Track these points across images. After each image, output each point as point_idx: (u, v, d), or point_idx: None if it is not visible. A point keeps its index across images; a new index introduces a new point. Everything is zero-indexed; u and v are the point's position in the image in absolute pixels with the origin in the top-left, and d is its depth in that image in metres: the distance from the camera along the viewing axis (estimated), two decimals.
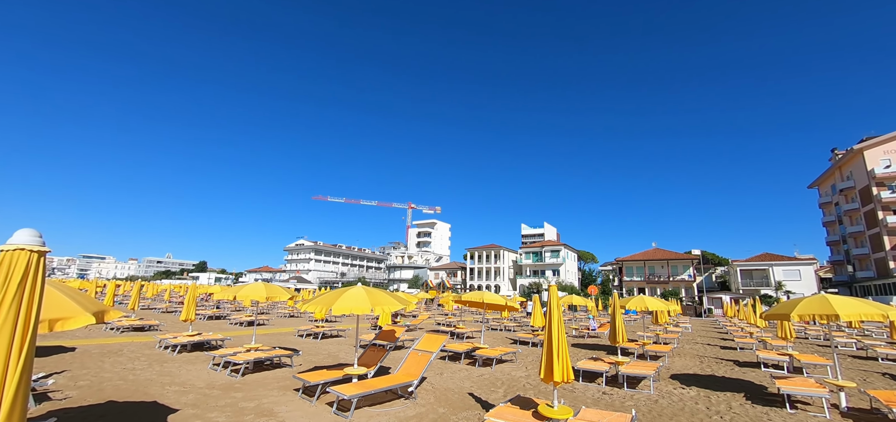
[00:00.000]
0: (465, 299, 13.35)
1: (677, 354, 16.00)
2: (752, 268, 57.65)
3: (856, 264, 58.64)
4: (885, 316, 8.04)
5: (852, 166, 58.73)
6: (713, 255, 70.64)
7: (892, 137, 53.97)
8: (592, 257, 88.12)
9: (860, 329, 24.15)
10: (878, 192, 52.78)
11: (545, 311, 16.11)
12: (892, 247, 50.68)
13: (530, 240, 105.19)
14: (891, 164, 53.10)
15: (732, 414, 7.96)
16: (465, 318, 29.76)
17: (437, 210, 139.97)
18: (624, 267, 67.76)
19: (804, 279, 54.06)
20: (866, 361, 15.34)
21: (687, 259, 63.67)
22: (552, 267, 75.55)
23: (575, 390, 9.55)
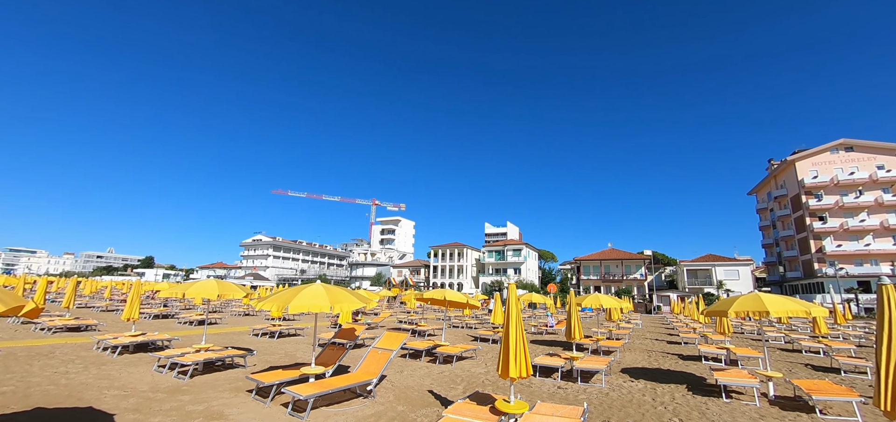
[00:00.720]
0: (426, 297, 13.37)
1: (628, 349, 16.84)
2: (697, 268, 61.62)
3: (786, 265, 64.17)
4: (808, 312, 8.89)
5: (785, 176, 64.16)
6: (663, 255, 74.87)
7: (820, 150, 59.44)
8: (552, 256, 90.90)
9: (788, 324, 26.45)
10: (806, 200, 57.97)
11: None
12: (817, 250, 55.87)
13: (493, 239, 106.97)
14: (818, 174, 58.45)
15: (675, 405, 8.48)
16: (428, 316, 29.80)
17: (401, 207, 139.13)
18: (581, 266, 70.35)
19: (742, 279, 58.44)
20: (792, 353, 16.83)
21: (639, 259, 67.04)
22: (514, 266, 77.17)
23: (532, 385, 9.82)
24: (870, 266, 52.87)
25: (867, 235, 54.45)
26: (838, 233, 55.47)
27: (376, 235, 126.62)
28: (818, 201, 57.30)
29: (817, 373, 12.60)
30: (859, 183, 56.11)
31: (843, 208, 56.00)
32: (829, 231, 55.83)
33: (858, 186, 56.21)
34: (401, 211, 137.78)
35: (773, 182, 68.75)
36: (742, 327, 27.71)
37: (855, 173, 56.60)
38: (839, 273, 52.12)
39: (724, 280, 58.30)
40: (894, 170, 55.12)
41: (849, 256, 54.18)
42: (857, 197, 55.81)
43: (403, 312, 33.37)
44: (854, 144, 57.99)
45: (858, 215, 55.34)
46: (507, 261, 77.89)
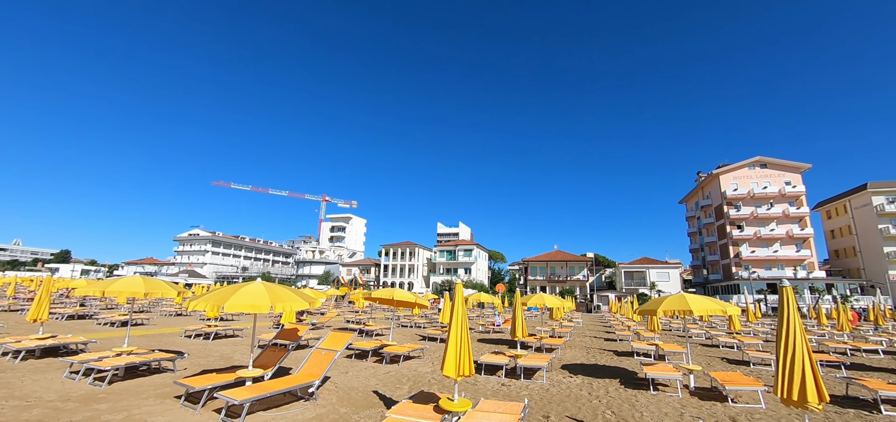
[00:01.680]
0: (374, 297, 13.19)
1: (569, 346, 17.66)
2: (634, 270, 65.94)
3: (709, 269, 70.50)
4: (724, 311, 9.85)
5: (711, 187, 70.44)
6: (604, 258, 79.34)
7: (740, 165, 65.92)
8: (502, 257, 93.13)
9: (709, 322, 29.07)
10: (727, 210, 64.04)
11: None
12: (735, 255, 61.91)
13: (445, 239, 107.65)
14: (737, 187, 64.77)
15: (609, 398, 9.02)
16: (376, 315, 29.40)
17: (353, 204, 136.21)
18: (529, 267, 72.74)
19: (672, 280, 63.37)
20: (711, 348, 18.49)
21: (583, 261, 70.53)
22: (465, 266, 78.17)
23: (477, 382, 10.01)
24: (777, 270, 59.46)
25: (776, 242, 61.17)
26: (752, 240, 61.84)
27: (326, 232, 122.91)
28: (737, 211, 63.54)
29: (731, 365, 13.94)
30: (770, 196, 62.90)
31: (757, 218, 62.52)
32: (745, 238, 62.07)
33: (770, 198, 62.99)
34: (352, 208, 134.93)
35: (700, 193, 75.24)
36: (670, 325, 30.05)
37: (767, 187, 63.38)
38: (752, 276, 58.10)
39: (656, 282, 62.87)
40: (798, 185, 62.42)
41: (760, 261, 60.57)
42: (769, 209, 62.53)
43: (351, 311, 32.63)
44: (767, 162, 64.91)
45: (769, 225, 62.02)
46: (458, 261, 78.75)
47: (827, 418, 7.85)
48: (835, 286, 55.15)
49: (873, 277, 56.17)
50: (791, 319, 5.42)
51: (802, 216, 61.13)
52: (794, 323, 5.35)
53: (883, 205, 56.59)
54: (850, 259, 61.58)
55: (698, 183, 76.01)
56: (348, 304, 45.43)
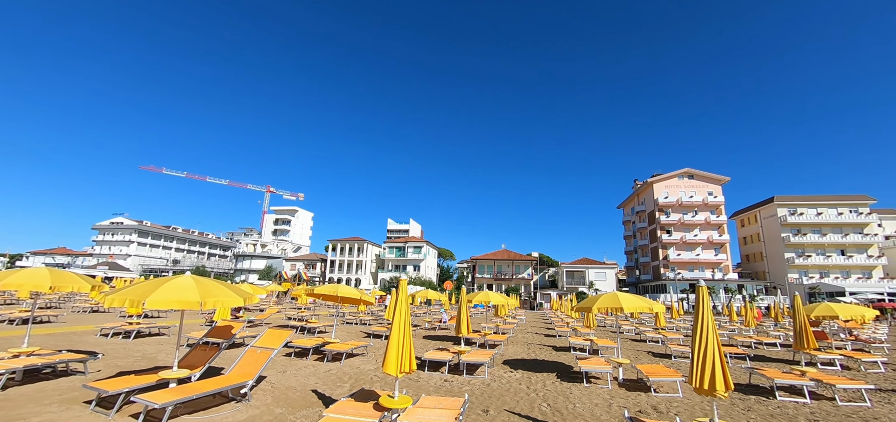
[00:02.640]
0: (318, 293, 12.76)
1: (511, 342, 18.23)
2: (574, 270, 69.44)
3: (641, 269, 75.95)
4: (650, 308, 10.65)
5: (645, 195, 75.87)
6: (548, 257, 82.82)
7: (670, 175, 71.62)
8: (451, 255, 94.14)
9: (638, 319, 31.30)
10: (659, 216, 69.35)
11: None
12: (664, 257, 67.21)
13: (395, 235, 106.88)
14: (668, 195, 70.33)
15: (545, 391, 9.42)
16: (320, 312, 28.54)
17: (299, 197, 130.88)
18: (477, 265, 74.13)
19: (608, 280, 67.51)
20: (640, 342, 19.95)
21: (528, 260, 73.07)
22: (414, 263, 78.04)
23: (420, 379, 10.03)
24: (698, 272, 65.38)
25: (698, 247, 67.23)
26: (679, 244, 67.50)
27: (269, 225, 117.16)
28: (667, 217, 69.05)
29: (656, 358, 15.09)
30: (695, 205, 69.00)
31: (684, 224, 68.32)
32: (672, 243, 67.60)
33: (695, 207, 69.08)
34: (299, 201, 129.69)
35: (636, 199, 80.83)
36: (605, 321, 32.02)
37: (693, 196, 69.46)
38: (677, 277, 63.44)
39: (594, 281, 66.67)
40: (719, 196, 69.06)
41: (685, 263, 66.28)
42: (694, 216, 68.55)
43: (294, 308, 31.41)
44: (694, 173, 71.12)
45: (693, 231, 68.03)
46: (408, 258, 78.45)
47: (732, 405, 8.75)
48: (744, 287, 61.64)
49: (776, 279, 63.57)
50: (705, 316, 5.95)
51: (721, 224, 67.71)
52: (707, 320, 5.89)
53: (786, 216, 64.16)
54: (758, 263, 69.21)
55: (635, 190, 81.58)
56: (291, 300, 43.69)
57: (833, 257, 61.52)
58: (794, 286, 59.34)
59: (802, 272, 61.40)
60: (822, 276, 60.48)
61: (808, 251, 62.54)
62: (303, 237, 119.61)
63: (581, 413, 7.77)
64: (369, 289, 64.44)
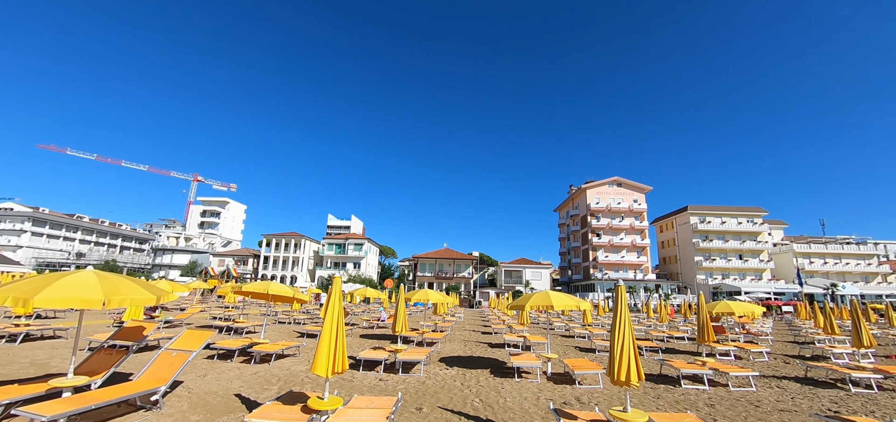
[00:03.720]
0: (246, 290, 11.99)
1: (449, 340, 18.48)
2: (512, 269, 72.01)
3: (573, 270, 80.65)
4: (578, 306, 11.31)
5: (579, 199, 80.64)
6: (488, 257, 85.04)
7: (602, 182, 76.81)
8: (393, 253, 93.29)
9: (569, 316, 33.24)
10: (590, 220, 74.07)
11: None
12: (593, 259, 71.93)
13: (336, 231, 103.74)
14: (599, 201, 75.34)
15: (479, 387, 9.67)
16: (250, 311, 26.91)
17: (231, 188, 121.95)
18: (419, 263, 74.18)
19: (543, 279, 70.84)
20: (569, 338, 21.17)
21: (469, 259, 74.48)
22: (355, 260, 76.25)
23: (354, 379, 9.83)
24: (623, 272, 70.82)
25: (624, 249, 72.83)
26: (607, 247, 72.63)
27: (195, 217, 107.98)
28: (597, 221, 74.02)
29: (582, 353, 16.10)
30: (622, 211, 74.66)
31: (612, 228, 73.63)
32: (602, 245, 72.57)
33: (621, 213, 74.74)
34: (230, 192, 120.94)
35: (571, 203, 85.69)
36: (538, 319, 33.58)
37: (621, 203, 75.12)
38: (604, 277, 68.23)
39: (530, 280, 69.63)
40: (642, 203, 75.35)
41: (612, 265, 71.47)
42: (621, 221, 74.14)
43: (220, 307, 29.27)
44: (622, 181, 76.90)
45: (620, 235, 73.56)
46: (348, 255, 76.47)
47: (645, 393, 9.59)
48: (661, 286, 67.83)
49: (687, 279, 70.69)
50: (622, 314, 6.46)
51: (643, 229, 73.91)
52: (624, 317, 6.40)
53: (696, 223, 71.55)
54: (673, 265, 76.51)
55: (570, 195, 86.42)
56: (217, 299, 40.75)
57: (732, 261, 69.72)
58: (701, 286, 66.39)
59: (708, 274, 68.87)
60: (724, 277, 68.30)
61: (713, 255, 70.30)
62: (234, 231, 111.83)
63: (511, 407, 8.07)
64: (305, 287, 61.89)
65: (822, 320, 18.45)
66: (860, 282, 66.86)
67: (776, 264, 70.17)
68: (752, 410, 8.49)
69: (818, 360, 14.81)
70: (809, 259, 69.08)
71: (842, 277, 67.47)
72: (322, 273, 73.94)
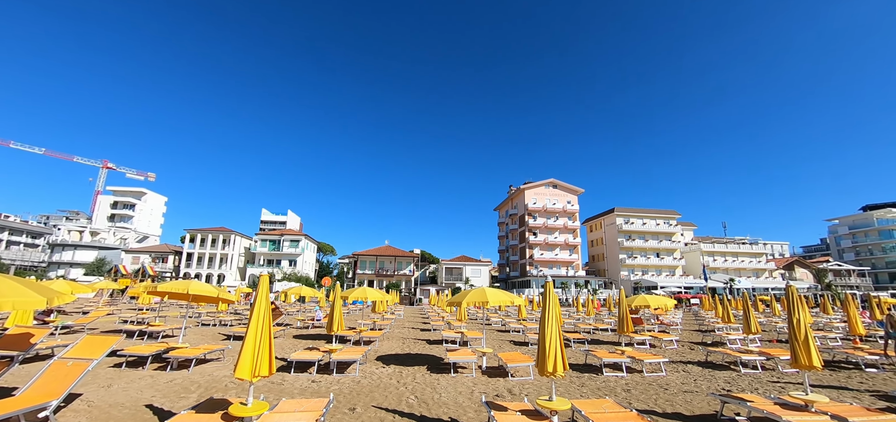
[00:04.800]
0: (163, 290, 10.94)
1: (387, 338, 18.31)
2: (453, 266, 73.07)
3: (510, 267, 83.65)
4: (512, 302, 11.75)
5: (518, 199, 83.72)
6: (430, 254, 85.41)
7: (539, 184, 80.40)
8: (332, 250, 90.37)
9: (505, 311, 34.44)
10: (528, 219, 77.23)
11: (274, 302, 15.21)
12: (530, 257, 75.13)
13: (270, 227, 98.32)
14: (536, 202, 78.79)
15: (415, 384, 9.68)
16: (169, 313, 24.62)
17: (149, 177, 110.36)
18: (359, 261, 72.64)
19: (483, 276, 72.69)
20: (505, 333, 21.94)
21: (410, 257, 74.33)
22: (290, 257, 72.81)
23: (284, 382, 9.39)
24: (556, 269, 74.82)
25: (557, 247, 76.91)
26: (542, 245, 76.26)
27: (105, 208, 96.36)
28: (534, 221, 77.43)
29: (516, 347, 16.74)
30: (557, 211, 78.79)
31: (547, 228, 77.43)
32: (538, 244, 76.05)
33: (556, 213, 78.86)
34: (148, 182, 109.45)
35: (510, 203, 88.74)
36: (477, 315, 34.40)
37: (556, 204, 79.22)
38: (539, 274, 71.61)
39: (470, 277, 71.12)
40: (575, 205, 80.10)
41: (547, 262, 75.18)
42: (555, 221, 78.19)
43: (132, 308, 26.47)
44: (557, 184, 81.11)
45: (554, 234, 77.57)
46: (283, 252, 72.79)
47: (571, 382, 10.21)
48: (589, 282, 72.65)
49: (612, 275, 76.41)
50: (550, 309, 6.81)
51: (575, 229, 78.61)
52: (551, 313, 6.75)
53: (622, 224, 77.57)
54: (601, 262, 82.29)
55: (509, 195, 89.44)
56: (130, 300, 36.83)
57: (651, 258, 76.59)
58: (624, 282, 72.11)
59: (630, 270, 75.00)
60: (644, 273, 74.78)
61: (635, 253, 76.69)
62: (151, 225, 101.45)
63: (446, 402, 8.19)
64: (234, 286, 57.91)
65: (721, 310, 20.88)
66: (752, 277, 76.67)
67: (686, 262, 78.19)
68: (661, 392, 9.38)
69: (717, 345, 16.74)
70: (713, 257, 77.86)
71: (738, 272, 76.89)
72: (254, 271, 69.68)
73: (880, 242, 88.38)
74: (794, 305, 7.36)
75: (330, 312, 11.63)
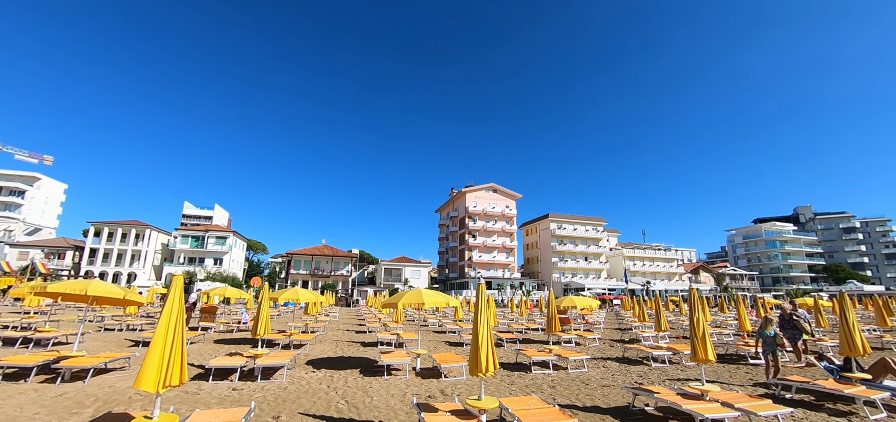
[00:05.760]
0: (54, 291, 9.56)
1: (320, 340, 17.64)
2: (393, 267, 72.38)
3: (450, 268, 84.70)
4: (448, 303, 11.90)
5: (459, 202, 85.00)
6: (369, 255, 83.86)
7: (480, 187, 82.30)
8: (263, 248, 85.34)
9: (443, 312, 34.83)
10: (468, 222, 78.70)
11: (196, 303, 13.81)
12: (469, 258, 76.63)
13: (194, 222, 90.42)
14: (476, 205, 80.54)
15: (346, 388, 9.43)
16: (64, 316, 21.69)
17: (45, 160, 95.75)
18: (293, 260, 69.32)
19: (422, 277, 72.80)
20: (442, 333, 22.13)
21: (348, 257, 72.40)
22: (216, 255, 67.57)
23: (201, 391, 8.67)
24: (494, 271, 77.06)
25: (495, 250, 79.26)
26: (481, 248, 78.16)
27: None
28: (474, 224, 79.10)
29: (451, 348, 16.93)
30: (496, 215, 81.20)
31: (486, 231, 79.50)
32: (477, 246, 77.80)
33: (495, 216, 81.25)
34: (43, 165, 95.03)
35: (451, 205, 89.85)
36: (415, 316, 34.38)
37: (495, 207, 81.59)
38: (478, 276, 73.28)
39: (409, 278, 70.89)
40: (513, 209, 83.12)
41: (485, 264, 77.15)
42: (494, 224, 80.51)
43: (15, 311, 22.92)
44: (497, 188, 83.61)
45: (493, 236, 79.86)
46: (208, 250, 67.32)
47: (501, 381, 10.55)
48: (524, 284, 75.74)
49: (545, 278, 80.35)
50: (481, 310, 6.98)
51: (513, 232, 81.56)
52: (482, 314, 6.92)
53: (555, 229, 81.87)
54: (535, 265, 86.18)
55: (451, 197, 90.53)
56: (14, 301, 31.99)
57: (580, 262, 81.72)
58: (556, 284, 76.17)
59: (561, 273, 79.41)
60: (573, 276, 79.56)
61: (565, 257, 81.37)
62: (46, 216, 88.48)
63: (377, 405, 8.07)
64: (146, 287, 52.43)
65: (637, 310, 22.82)
66: (666, 280, 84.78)
67: (611, 265, 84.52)
68: (582, 387, 10.02)
69: (633, 343, 18.26)
70: (633, 262, 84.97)
71: (654, 276, 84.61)
72: (173, 270, 63.61)
73: (766, 250, 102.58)
74: (695, 306, 8.24)
75: (256, 315, 10.95)
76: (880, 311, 19.01)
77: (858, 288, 65.72)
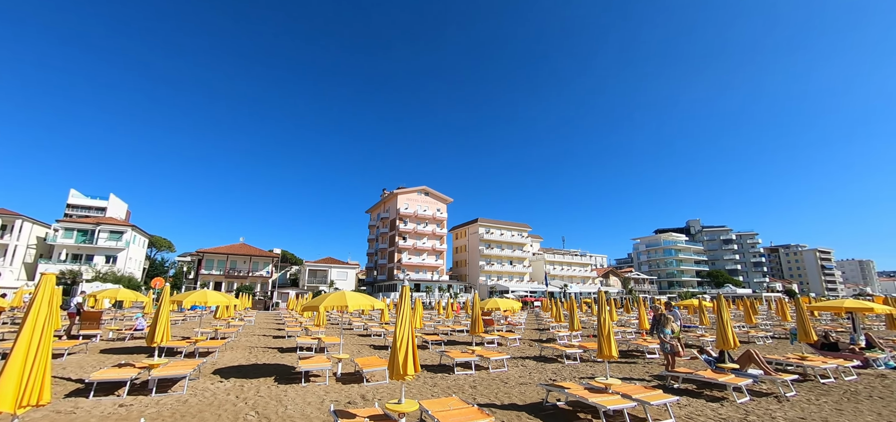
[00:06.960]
0: None
1: (231, 347, 16.27)
2: (318, 268, 69.35)
3: (378, 270, 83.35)
4: (372, 306, 11.64)
5: (390, 203, 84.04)
6: (292, 255, 79.41)
7: (412, 190, 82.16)
8: (169, 245, 76.57)
9: (369, 315, 34.12)
10: (399, 224, 78.10)
11: (77, 307, 11.58)
12: (398, 260, 76.06)
13: (82, 214, 78.46)
14: (408, 207, 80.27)
15: (257, 398, 8.77)
16: None
17: None
18: (204, 259, 63.30)
19: (349, 279, 70.70)
20: (367, 337, 21.62)
21: (269, 257, 67.90)
22: (109, 252, 59.23)
23: (78, 409, 7.52)
24: (423, 274, 77.34)
25: (425, 253, 79.62)
26: (411, 250, 78.03)
27: None
28: (405, 226, 78.74)
29: (376, 351, 16.61)
30: (427, 218, 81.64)
31: (417, 233, 79.55)
32: (406, 248, 77.50)
33: (426, 219, 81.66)
34: None
35: (382, 206, 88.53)
36: (339, 319, 33.22)
37: (426, 210, 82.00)
38: (407, 277, 73.03)
39: (335, 280, 68.45)
40: (444, 213, 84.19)
41: (414, 267, 77.11)
42: (425, 227, 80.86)
43: None
44: (429, 191, 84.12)
45: (423, 239, 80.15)
46: (98, 246, 58.75)
47: (424, 382, 10.57)
48: (452, 286, 77.07)
49: (472, 281, 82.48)
50: (404, 312, 6.93)
51: (442, 235, 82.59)
52: (405, 316, 6.87)
53: (483, 234, 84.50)
54: (463, 268, 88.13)
55: (382, 198, 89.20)
56: None
57: (506, 266, 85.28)
58: (482, 286, 78.60)
59: (488, 276, 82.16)
60: (499, 279, 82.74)
61: (492, 260, 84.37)
62: None
63: (292, 415, 7.62)
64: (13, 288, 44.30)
65: (555, 311, 24.36)
66: (581, 283, 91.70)
67: (533, 269, 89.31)
68: (502, 385, 10.41)
69: (549, 342, 19.43)
70: (554, 266, 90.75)
71: (571, 279, 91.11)
72: (50, 268, 54.45)
73: (664, 257, 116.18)
74: (602, 307, 8.99)
75: (154, 321, 9.77)
76: (747, 310, 22.42)
77: (733, 291, 76.66)
